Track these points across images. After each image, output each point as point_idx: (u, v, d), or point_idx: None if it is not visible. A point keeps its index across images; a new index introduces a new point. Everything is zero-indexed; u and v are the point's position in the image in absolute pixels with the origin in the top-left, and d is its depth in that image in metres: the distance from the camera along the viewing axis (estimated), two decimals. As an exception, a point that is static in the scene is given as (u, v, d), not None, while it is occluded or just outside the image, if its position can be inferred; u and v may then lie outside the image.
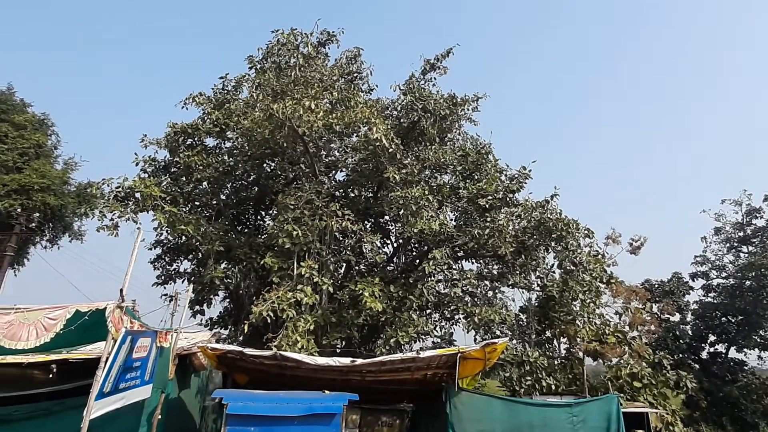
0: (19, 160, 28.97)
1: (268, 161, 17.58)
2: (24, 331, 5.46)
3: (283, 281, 12.79)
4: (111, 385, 6.16)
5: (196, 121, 16.97)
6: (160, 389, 8.66)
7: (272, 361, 9.47)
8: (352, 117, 13.98)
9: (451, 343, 14.96)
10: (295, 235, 12.73)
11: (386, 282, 14.19)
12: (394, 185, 14.18)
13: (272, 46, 17.21)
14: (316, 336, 12.69)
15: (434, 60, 17.65)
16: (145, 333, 7.33)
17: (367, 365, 9.34)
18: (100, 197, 16.73)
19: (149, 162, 17.23)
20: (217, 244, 14.26)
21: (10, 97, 31.84)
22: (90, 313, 5.89)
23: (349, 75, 18.06)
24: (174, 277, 17.63)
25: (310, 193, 14.02)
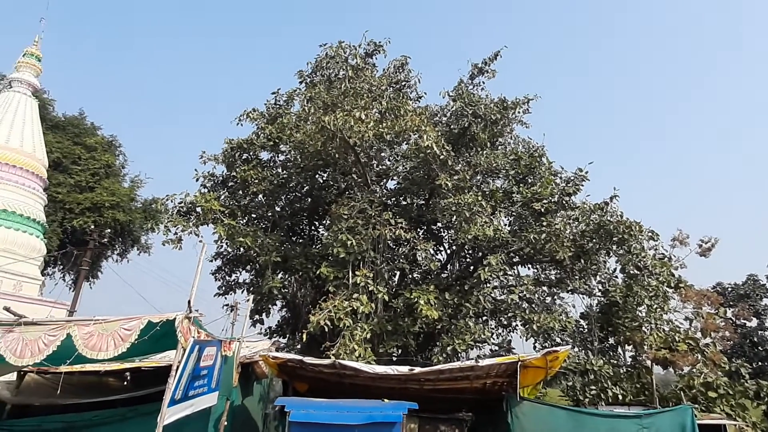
0: (91, 180, 30.96)
1: (320, 172, 17.94)
2: (103, 341, 5.79)
3: (338, 290, 12.95)
4: (181, 393, 6.43)
5: (250, 136, 17.57)
6: (225, 396, 8.96)
7: (331, 370, 9.60)
8: (402, 126, 14.04)
9: (509, 351, 14.63)
10: (350, 245, 12.88)
11: (441, 289, 14.09)
12: (447, 192, 14.10)
13: (321, 59, 17.60)
14: (373, 344, 12.75)
15: (482, 64, 17.49)
16: (211, 342, 7.61)
17: (425, 374, 9.29)
18: (164, 212, 17.63)
19: (208, 177, 17.99)
20: (274, 254, 14.63)
21: (81, 122, 34.16)
22: (161, 323, 6.16)
23: (397, 84, 18.17)
24: (234, 288, 18.23)
25: (363, 203, 14.17)
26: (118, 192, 31.38)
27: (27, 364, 5.86)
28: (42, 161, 25.26)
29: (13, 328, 5.94)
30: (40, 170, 24.93)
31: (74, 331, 5.90)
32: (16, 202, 22.77)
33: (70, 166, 30.73)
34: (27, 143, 24.41)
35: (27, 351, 5.71)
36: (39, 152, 25.15)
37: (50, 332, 5.90)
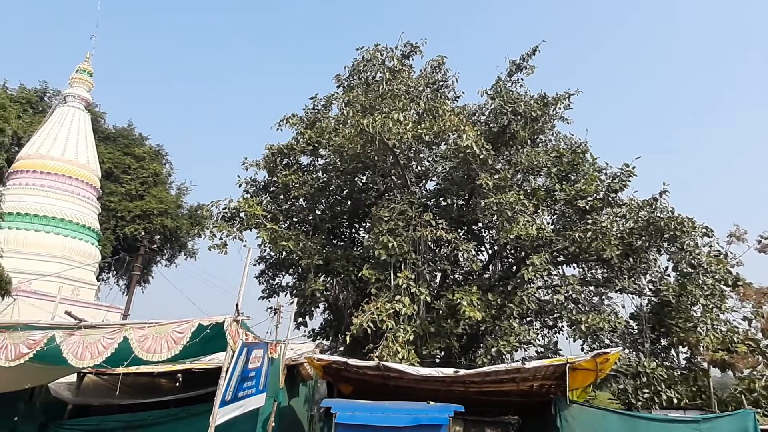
0: (141, 188, 32.26)
1: (359, 175, 18.04)
2: (157, 344, 6.00)
3: (380, 292, 12.99)
4: (231, 394, 6.58)
5: (290, 141, 17.84)
6: (272, 398, 9.12)
7: (375, 372, 9.62)
8: (440, 126, 13.97)
9: (556, 353, 14.26)
10: (391, 247, 12.89)
11: (484, 290, 13.91)
12: (487, 191, 13.92)
13: (358, 63, 17.72)
14: (416, 346, 12.71)
15: (520, 60, 17.18)
16: (258, 344, 7.77)
17: (470, 376, 9.18)
18: (209, 218, 18.14)
19: (250, 183, 18.41)
20: (316, 258, 14.81)
21: (130, 133, 35.63)
22: (211, 326, 6.33)
23: (434, 84, 18.08)
24: (277, 291, 18.56)
25: (403, 204, 14.16)
26: (166, 199, 32.57)
27: (87, 365, 6.14)
28: (95, 172, 26.49)
29: (74, 331, 6.25)
30: (94, 180, 26.15)
31: (130, 333, 6.14)
32: (72, 212, 23.94)
33: (120, 176, 32.11)
34: (81, 155, 25.64)
35: (87, 353, 5.98)
36: (92, 163, 26.38)
37: (108, 335, 6.16)
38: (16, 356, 6.09)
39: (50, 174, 24.16)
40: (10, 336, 6.23)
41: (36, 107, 32.29)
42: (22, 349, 6.10)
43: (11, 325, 6.42)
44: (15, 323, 6.46)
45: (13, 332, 6.28)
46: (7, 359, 6.08)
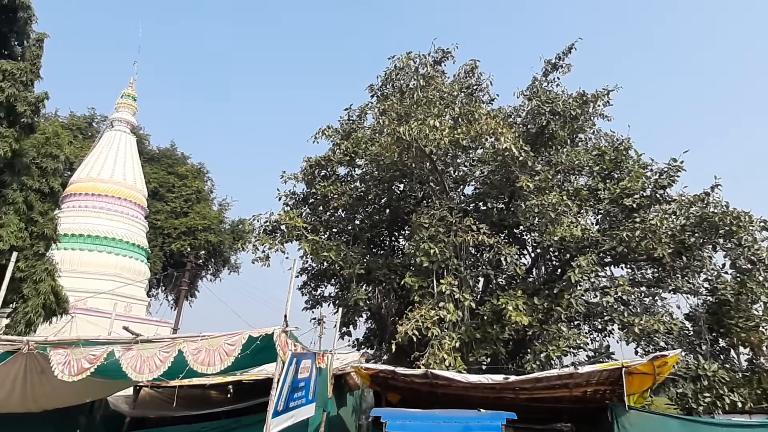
0: (185, 206, 33.33)
1: (397, 183, 18.06)
2: (210, 356, 6.14)
3: (424, 299, 12.91)
4: (283, 404, 6.65)
5: (327, 152, 18.07)
6: (321, 408, 9.17)
7: (423, 380, 9.54)
8: (477, 130, 13.84)
9: (609, 357, 13.79)
10: (432, 253, 12.81)
11: (529, 294, 13.63)
12: (528, 193, 13.67)
13: (390, 71, 17.79)
14: (462, 353, 12.54)
15: (555, 59, 16.87)
16: (307, 355, 7.84)
17: (520, 382, 8.99)
18: (251, 232, 18.51)
19: (290, 195, 18.71)
20: (357, 267, 14.86)
21: (173, 152, 36.94)
22: (260, 338, 6.42)
23: (468, 88, 17.97)
24: (320, 302, 18.72)
25: (443, 210, 14.07)
26: (209, 215, 33.53)
27: (146, 379, 6.32)
28: (142, 192, 27.55)
29: (131, 346, 6.46)
30: (141, 200, 27.19)
31: (184, 347, 6.30)
32: (123, 231, 24.94)
33: (165, 195, 33.27)
34: (129, 176, 26.73)
35: (145, 367, 6.17)
36: (139, 184, 27.46)
37: (164, 349, 6.34)
38: (79, 371, 6.34)
39: (101, 196, 25.28)
40: (72, 352, 6.49)
41: (85, 133, 33.95)
42: (84, 364, 6.34)
43: (73, 342, 6.69)
44: (77, 339, 6.73)
45: (75, 348, 6.54)
46: (70, 374, 6.33)
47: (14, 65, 14.04)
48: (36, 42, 15.23)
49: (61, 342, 6.77)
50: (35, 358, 7.01)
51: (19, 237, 13.91)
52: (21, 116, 13.96)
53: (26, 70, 14.33)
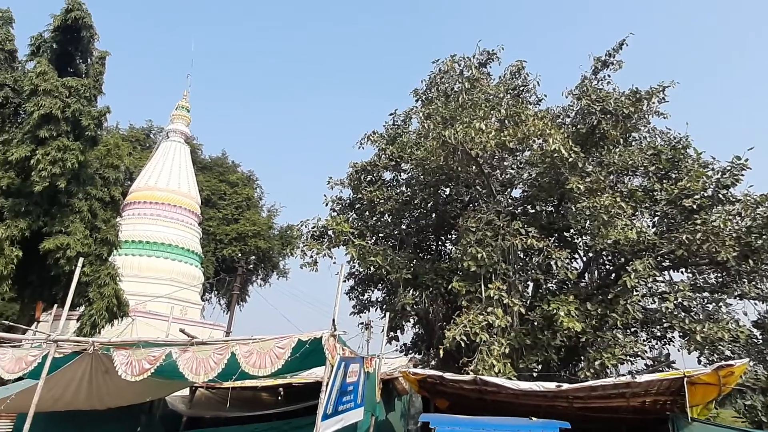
0: (235, 213, 34.39)
1: (443, 187, 17.94)
2: (262, 359, 6.28)
3: (471, 304, 12.74)
4: (332, 408, 6.71)
5: (373, 158, 18.19)
6: (370, 412, 9.18)
7: (472, 386, 9.39)
8: (524, 131, 13.57)
9: (669, 366, 13.15)
10: (480, 257, 12.62)
11: (581, 299, 13.19)
12: (579, 196, 13.26)
13: (435, 75, 17.75)
14: (512, 359, 12.27)
15: (605, 56, 16.32)
16: (355, 359, 7.88)
17: (574, 390, 8.68)
18: (298, 237, 18.84)
19: (336, 201, 18.93)
20: (404, 272, 14.85)
21: (224, 161, 38.21)
22: (309, 341, 6.52)
23: (514, 90, 17.65)
24: (368, 306, 18.81)
25: (490, 214, 13.86)
26: (259, 222, 34.46)
27: (202, 380, 6.53)
28: (196, 199, 28.64)
29: (187, 348, 6.70)
30: (195, 207, 28.26)
31: (237, 349, 6.47)
32: (178, 237, 25.98)
33: (217, 202, 34.45)
34: (183, 185, 27.86)
35: (201, 369, 6.38)
36: (193, 192, 28.56)
37: (217, 351, 6.54)
38: (140, 371, 6.63)
39: (158, 204, 26.47)
40: (133, 353, 6.80)
41: (143, 144, 35.68)
42: (145, 365, 6.63)
43: (134, 343, 7.01)
44: (137, 341, 7.04)
45: (136, 349, 6.85)
46: (132, 374, 6.64)
47: (79, 82, 14.95)
48: (98, 59, 16.18)
49: (123, 343, 7.11)
50: (100, 358, 7.39)
51: (84, 243, 14.76)
52: (85, 130, 14.83)
53: (90, 86, 15.23)
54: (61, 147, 13.98)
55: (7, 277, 13.50)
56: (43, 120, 13.93)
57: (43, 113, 13.82)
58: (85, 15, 15.28)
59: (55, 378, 7.42)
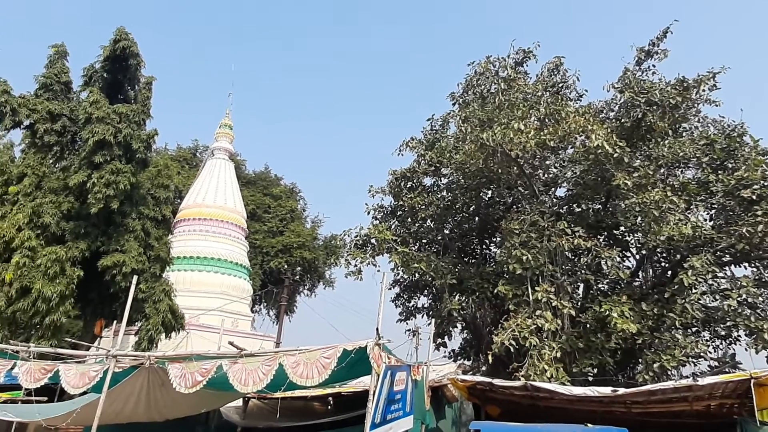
0: (280, 225, 35.08)
1: (484, 190, 17.71)
2: (308, 369, 6.35)
3: (519, 308, 12.47)
4: (380, 417, 6.70)
5: (412, 164, 18.18)
6: (420, 420, 9.12)
7: (523, 392, 9.18)
8: (565, 129, 13.25)
9: (735, 367, 12.42)
10: (525, 260, 12.35)
11: (635, 300, 12.68)
12: (627, 192, 12.79)
13: (470, 78, 17.61)
14: (565, 363, 11.91)
15: (649, 46, 15.75)
16: (401, 367, 7.86)
17: (632, 395, 8.33)
18: (342, 247, 19.02)
19: (378, 209, 19.00)
20: (449, 277, 14.72)
21: (267, 175, 39.13)
22: (354, 350, 6.55)
23: (553, 87, 17.27)
24: (414, 313, 18.73)
25: (534, 215, 13.56)
26: (303, 233, 35.03)
27: (251, 391, 6.67)
28: (242, 214, 29.44)
29: (237, 360, 6.86)
30: (242, 222, 29.05)
31: (284, 360, 6.57)
32: (227, 251, 26.76)
33: (262, 215, 35.28)
34: (229, 200, 28.71)
35: (250, 380, 6.52)
36: (239, 207, 29.38)
37: (265, 362, 6.66)
38: (193, 384, 6.83)
39: (206, 220, 27.37)
40: (186, 366, 7.03)
41: (191, 162, 37.02)
42: (197, 377, 6.83)
43: (187, 356, 7.24)
44: (190, 354, 7.27)
45: (189, 362, 7.08)
46: (186, 386, 6.85)
47: (128, 107, 15.69)
48: (145, 85, 16.94)
49: (177, 357, 7.35)
50: (156, 371, 7.67)
51: (139, 261, 15.41)
52: (136, 153, 15.54)
53: (138, 111, 15.96)
54: (114, 170, 14.68)
55: (69, 295, 14.24)
56: (97, 146, 14.68)
57: (98, 139, 14.57)
58: (132, 44, 16.04)
59: (115, 391, 7.75)
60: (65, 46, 17.00)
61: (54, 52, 16.72)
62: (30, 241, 13.97)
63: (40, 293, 13.52)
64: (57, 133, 15.75)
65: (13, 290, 13.54)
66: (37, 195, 14.98)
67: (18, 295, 13.63)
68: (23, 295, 13.68)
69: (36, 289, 13.53)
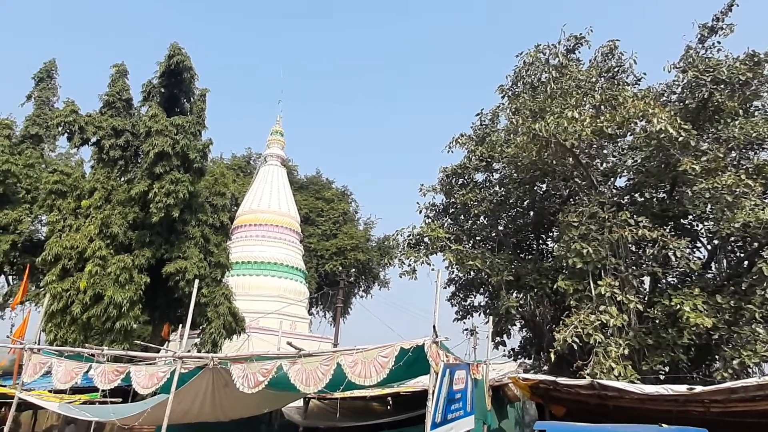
0: (333, 228, 35.51)
1: (538, 183, 17.16)
2: (366, 369, 6.32)
3: (581, 303, 11.97)
4: (440, 416, 6.56)
5: (462, 160, 17.89)
6: (481, 420, 8.92)
7: (589, 391, 8.77)
8: (623, 114, 12.60)
9: (828, 362, 11.41)
10: (585, 253, 11.84)
11: (709, 292, 11.88)
12: (695, 177, 12.01)
13: (519, 69, 17.11)
14: (633, 361, 11.31)
15: (713, 21, 14.75)
16: (460, 366, 7.69)
17: (710, 393, 7.77)
18: (395, 247, 18.97)
19: (430, 208, 18.81)
20: (505, 274, 14.36)
21: (319, 179, 39.74)
22: (412, 349, 6.45)
23: (608, 72, 16.50)
24: (471, 312, 18.41)
25: (593, 206, 12.98)
26: (356, 235, 35.31)
27: (312, 391, 6.71)
28: (296, 218, 30.02)
29: (296, 360, 6.92)
30: (296, 226, 29.62)
31: (342, 360, 6.57)
32: (283, 256, 27.35)
33: (315, 219, 35.83)
34: (283, 205, 29.34)
35: (310, 380, 6.56)
36: (293, 211, 29.98)
37: (324, 362, 6.68)
38: (255, 384, 6.96)
39: (262, 225, 28.10)
40: (248, 366, 7.17)
41: (245, 170, 38.16)
42: (259, 378, 6.95)
43: (248, 357, 7.39)
44: (251, 355, 7.42)
45: (250, 363, 7.22)
46: (248, 386, 6.99)
47: (184, 119, 16.34)
48: (200, 97, 17.60)
49: (239, 357, 7.52)
50: (219, 372, 7.89)
51: (200, 267, 16.00)
52: (193, 162, 16.15)
53: (194, 122, 16.59)
54: (173, 180, 15.33)
55: (138, 301, 14.98)
56: (157, 157, 15.38)
57: (157, 151, 15.26)
58: (185, 58, 16.71)
59: (182, 392, 8.02)
60: (125, 65, 17.94)
61: (115, 71, 17.68)
62: (101, 251, 14.81)
63: (112, 299, 14.29)
64: (121, 147, 16.62)
65: (87, 297, 14.39)
66: (106, 207, 15.87)
67: (92, 302, 14.47)
68: (96, 301, 14.51)
69: (108, 296, 14.32)
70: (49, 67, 23.08)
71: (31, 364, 9.22)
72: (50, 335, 14.71)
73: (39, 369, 9.09)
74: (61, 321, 14.62)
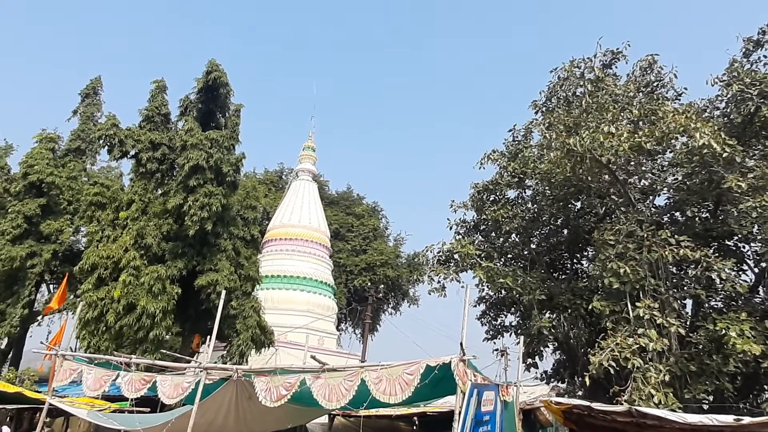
0: (363, 244, 35.47)
1: (573, 200, 16.71)
2: (391, 386, 6.14)
3: (618, 326, 11.44)
4: (468, 438, 6.29)
5: (494, 176, 17.62)
6: (511, 445, 8.54)
7: (627, 418, 8.28)
8: (663, 129, 12.16)
9: None
10: (623, 273, 11.36)
11: (757, 318, 11.19)
12: (741, 195, 11.44)
13: (553, 84, 16.84)
14: (675, 388, 10.70)
15: (758, 34, 14.22)
16: (489, 386, 7.40)
17: (759, 425, 7.22)
18: (425, 264, 18.72)
19: (460, 224, 18.54)
20: (538, 293, 13.94)
21: (350, 195, 39.91)
22: (438, 367, 6.24)
23: (647, 86, 16.05)
24: (501, 332, 17.92)
25: (630, 224, 12.49)
26: (386, 251, 35.17)
27: (335, 407, 6.55)
28: (326, 233, 30.11)
29: (319, 374, 6.79)
30: (326, 241, 29.69)
31: (366, 376, 6.40)
32: (312, 270, 27.40)
33: (345, 234, 35.89)
34: (314, 220, 29.49)
35: (333, 396, 6.41)
36: (323, 226, 30.09)
37: (348, 378, 6.53)
38: (278, 398, 6.86)
39: (292, 240, 28.26)
40: (271, 380, 7.08)
41: (277, 185, 38.68)
42: (282, 391, 6.85)
43: (272, 370, 7.31)
44: (274, 368, 7.33)
45: (273, 376, 7.13)
46: (271, 400, 6.89)
47: (218, 133, 16.67)
48: (235, 112, 17.96)
49: (262, 370, 7.45)
50: (243, 384, 7.82)
51: (231, 279, 16.12)
52: (226, 176, 16.42)
53: (228, 137, 16.91)
54: (207, 193, 15.58)
55: (171, 311, 15.17)
56: (192, 171, 15.69)
57: (192, 164, 15.58)
58: (222, 74, 17.11)
59: (207, 403, 7.98)
60: (164, 81, 18.50)
61: (155, 87, 18.25)
62: (135, 261, 15.11)
63: (144, 309, 14.52)
64: (158, 160, 17.06)
65: (121, 306, 14.65)
66: (142, 219, 16.24)
67: (125, 311, 14.73)
68: (129, 310, 14.76)
69: (141, 306, 14.56)
70: (94, 84, 24.05)
71: (61, 370, 9.38)
72: (84, 343, 15.03)
73: (69, 375, 9.24)
74: (95, 329, 14.92)
